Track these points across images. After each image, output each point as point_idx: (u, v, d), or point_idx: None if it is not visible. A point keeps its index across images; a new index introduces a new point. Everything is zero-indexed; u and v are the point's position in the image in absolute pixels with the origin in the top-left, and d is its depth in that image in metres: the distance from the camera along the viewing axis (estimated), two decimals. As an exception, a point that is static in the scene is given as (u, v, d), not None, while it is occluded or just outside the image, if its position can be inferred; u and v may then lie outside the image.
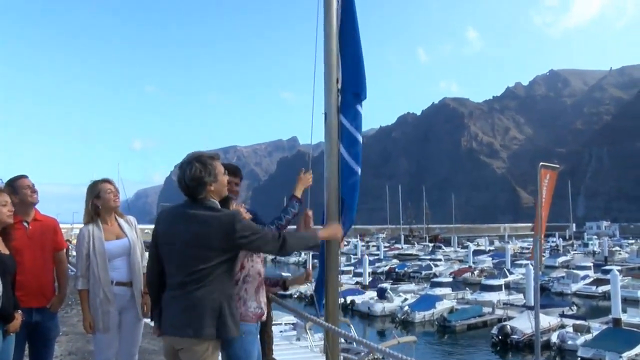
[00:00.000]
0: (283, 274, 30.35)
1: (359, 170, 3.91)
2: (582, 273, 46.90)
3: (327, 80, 3.80)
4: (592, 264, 52.87)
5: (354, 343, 12.93)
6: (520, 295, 38.06)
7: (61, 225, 4.63)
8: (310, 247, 3.40)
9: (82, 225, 4.23)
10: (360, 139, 3.95)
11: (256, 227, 3.04)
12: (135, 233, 4.29)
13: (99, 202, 4.15)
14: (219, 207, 3.07)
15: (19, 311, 3.76)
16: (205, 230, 2.90)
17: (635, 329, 26.09)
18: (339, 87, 3.88)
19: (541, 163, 12.17)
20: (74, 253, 4.44)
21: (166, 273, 3.07)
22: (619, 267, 45.97)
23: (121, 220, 4.27)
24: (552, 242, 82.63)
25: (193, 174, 2.98)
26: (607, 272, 38.51)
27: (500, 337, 28.04)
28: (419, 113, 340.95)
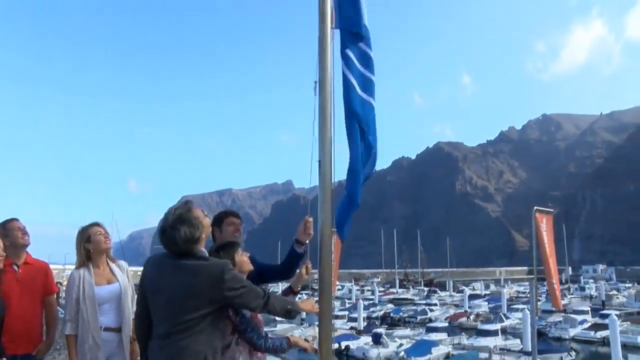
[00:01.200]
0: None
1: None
2: (579, 318, 46.35)
3: (322, 127, 3.80)
4: (589, 308, 52.30)
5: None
6: (517, 341, 37.48)
7: (53, 267, 4.59)
8: (288, 311, 3.30)
9: (73, 267, 4.19)
10: (373, 78, 3.83)
11: (245, 280, 3.01)
12: (127, 278, 4.26)
13: (89, 246, 4.12)
14: (207, 255, 3.04)
15: (4, 359, 3.69)
16: (193, 281, 2.84)
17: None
18: (334, 26, 3.89)
19: (536, 207, 12.22)
20: (64, 296, 4.39)
21: (153, 321, 3.01)
22: (617, 312, 45.47)
23: (113, 265, 4.23)
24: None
25: (184, 237, 2.93)
26: (606, 316, 38.09)
27: (498, 384, 27.53)
28: (413, 157, 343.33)
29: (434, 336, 38.55)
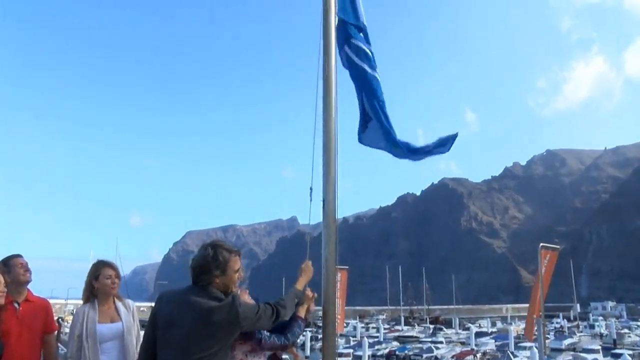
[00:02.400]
0: None
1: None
2: (590, 357, 45.42)
3: (326, 167, 3.79)
4: (600, 347, 51.26)
5: None
6: (526, 380, 36.80)
7: (55, 301, 4.57)
8: (296, 303, 3.47)
9: (76, 301, 4.16)
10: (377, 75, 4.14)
11: (254, 306, 3.10)
12: (132, 317, 4.24)
13: (96, 284, 4.13)
14: (223, 297, 3.03)
15: None
16: (209, 321, 2.88)
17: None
18: (337, 19, 4.07)
19: (541, 244, 12.12)
20: (67, 330, 4.35)
21: (159, 357, 3.00)
22: (631, 352, 44.55)
23: (119, 303, 4.22)
24: (557, 323, 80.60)
25: (201, 259, 3.02)
26: (618, 356, 37.34)
27: None
28: (418, 193, 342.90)
29: (440, 375, 37.91)
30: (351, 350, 50.12)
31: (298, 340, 3.82)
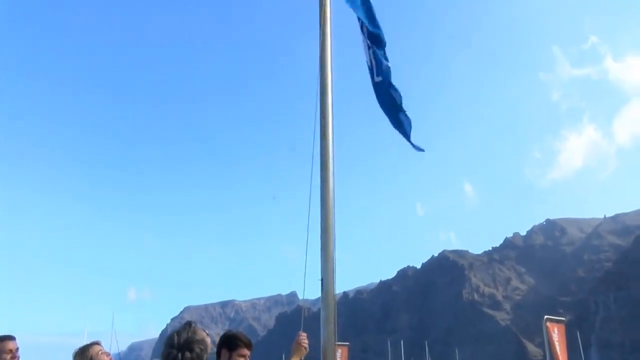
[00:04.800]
0: None
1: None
2: None
3: (324, 246, 3.80)
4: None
5: None
6: None
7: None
8: None
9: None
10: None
11: None
12: None
13: None
14: None
15: None
16: None
17: None
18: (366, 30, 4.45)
19: (546, 316, 11.90)
20: None
21: None
22: None
23: None
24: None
25: None
26: None
27: None
28: (419, 266, 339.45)
29: None
30: None
31: None
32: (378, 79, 4.79)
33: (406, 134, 4.99)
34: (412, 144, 5.03)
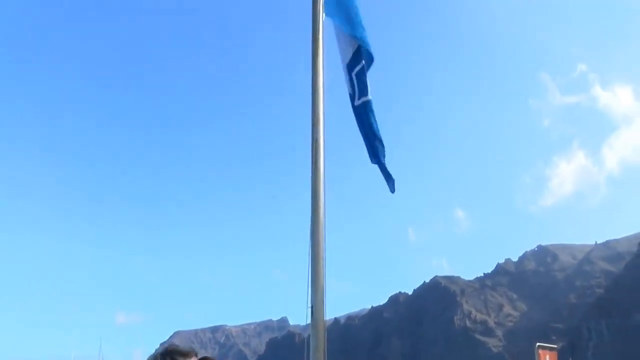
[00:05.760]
0: None
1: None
2: None
3: (314, 274, 3.67)
4: None
5: None
6: None
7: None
8: None
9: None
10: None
11: None
12: None
13: None
14: None
15: None
16: None
17: None
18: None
19: (538, 343, 11.78)
20: None
21: None
22: None
23: None
24: None
25: None
26: None
27: None
28: (410, 292, 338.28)
29: None
30: None
31: None
32: (359, 102, 4.80)
33: (382, 166, 4.94)
34: (386, 179, 4.99)
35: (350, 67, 4.83)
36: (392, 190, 4.90)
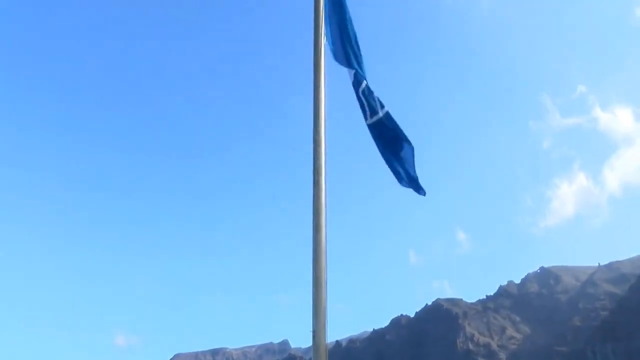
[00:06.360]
0: None
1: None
2: None
3: (316, 298, 3.60)
4: None
5: None
6: None
7: None
8: None
9: None
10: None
11: None
12: None
13: None
14: None
15: None
16: None
17: None
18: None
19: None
20: None
21: None
22: None
23: None
24: None
25: None
26: None
27: None
28: (412, 315, 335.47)
29: None
30: None
31: None
32: (372, 119, 4.86)
33: (409, 175, 4.96)
34: (414, 186, 5.03)
35: (355, 85, 4.90)
36: (423, 193, 5.12)
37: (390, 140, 4.94)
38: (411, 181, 5.04)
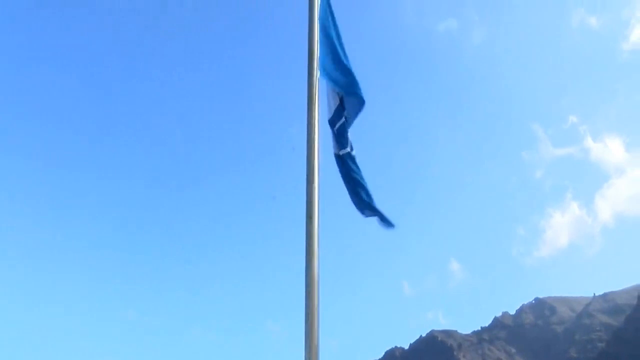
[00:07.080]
0: None
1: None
2: None
3: (308, 333, 3.59)
4: None
5: None
6: None
7: None
8: None
9: None
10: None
11: None
12: None
13: None
14: None
15: None
16: None
17: None
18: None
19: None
20: None
21: None
22: None
23: None
24: None
25: None
26: None
27: None
28: (406, 346, 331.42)
29: None
30: None
31: None
32: (343, 151, 4.89)
33: (372, 207, 4.92)
34: (380, 218, 4.95)
35: (332, 122, 4.97)
36: (392, 225, 4.89)
37: (352, 178, 4.99)
38: (375, 212, 5.01)
